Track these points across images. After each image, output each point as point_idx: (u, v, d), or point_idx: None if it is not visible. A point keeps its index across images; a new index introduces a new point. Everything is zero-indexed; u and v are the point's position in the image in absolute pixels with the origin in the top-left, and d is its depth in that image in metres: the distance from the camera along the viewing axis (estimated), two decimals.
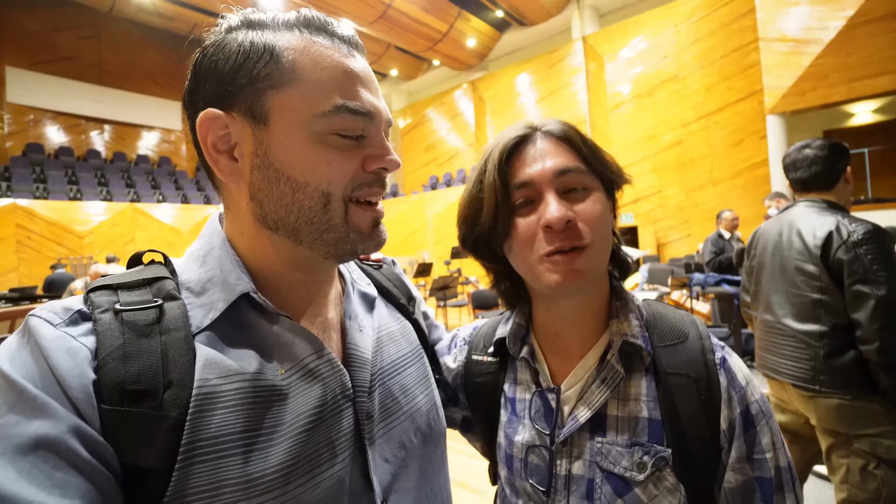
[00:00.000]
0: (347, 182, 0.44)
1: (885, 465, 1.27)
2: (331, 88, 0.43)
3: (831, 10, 6.78)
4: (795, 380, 1.42)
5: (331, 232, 0.45)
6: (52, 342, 0.35)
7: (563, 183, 0.53)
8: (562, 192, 0.53)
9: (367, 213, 0.47)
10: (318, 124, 0.42)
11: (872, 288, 1.25)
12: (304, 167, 0.43)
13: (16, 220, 8.78)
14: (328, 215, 0.44)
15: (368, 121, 0.45)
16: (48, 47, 11.81)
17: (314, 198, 0.43)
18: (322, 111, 0.42)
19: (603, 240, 0.53)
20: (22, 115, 11.55)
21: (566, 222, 0.50)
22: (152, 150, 13.88)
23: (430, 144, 13.83)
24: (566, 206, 0.52)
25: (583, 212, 0.52)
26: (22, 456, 0.30)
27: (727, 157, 8.38)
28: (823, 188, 1.49)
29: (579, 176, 0.53)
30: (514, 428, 0.61)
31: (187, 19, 11.72)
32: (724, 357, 0.54)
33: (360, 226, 0.46)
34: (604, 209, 0.53)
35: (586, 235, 0.51)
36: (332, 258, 0.47)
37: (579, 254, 0.51)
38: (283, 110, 0.42)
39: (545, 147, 0.54)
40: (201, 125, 0.43)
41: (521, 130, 0.56)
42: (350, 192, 0.45)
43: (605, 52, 9.92)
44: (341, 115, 0.43)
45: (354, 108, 0.44)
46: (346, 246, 0.46)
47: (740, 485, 0.50)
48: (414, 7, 10.24)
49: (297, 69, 0.42)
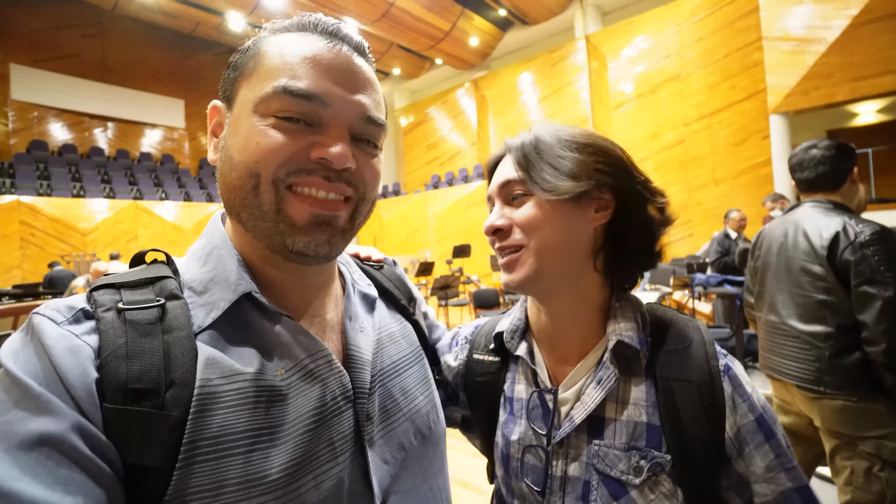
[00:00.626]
0: (278, 163, 0.42)
1: (889, 468, 1.26)
2: (281, 72, 0.43)
3: (835, 9, 6.73)
4: (800, 381, 1.42)
5: (263, 220, 0.43)
6: (56, 340, 0.35)
7: (506, 193, 0.59)
8: (508, 201, 0.59)
9: (305, 205, 0.43)
10: (260, 106, 0.43)
11: (879, 289, 1.24)
12: (240, 145, 0.43)
13: (20, 216, 8.82)
14: (259, 199, 0.43)
15: (318, 106, 0.43)
16: (52, 45, 11.85)
17: (243, 177, 0.43)
18: (265, 93, 0.43)
19: (543, 242, 0.55)
20: (26, 112, 11.59)
21: (495, 230, 0.58)
22: (155, 148, 13.91)
23: (433, 143, 13.81)
24: (503, 214, 0.58)
25: (517, 216, 0.57)
26: (25, 453, 0.30)
27: (730, 157, 8.34)
28: (829, 189, 1.48)
29: (517, 185, 0.57)
30: (511, 428, 0.61)
31: (190, 17, 11.71)
32: (728, 364, 0.54)
33: (293, 217, 0.43)
34: (540, 213, 0.55)
35: (521, 238, 0.56)
36: (277, 254, 0.45)
37: (515, 255, 0.57)
38: (241, 94, 0.45)
39: (503, 164, 0.61)
40: (209, 115, 0.49)
41: (500, 150, 0.63)
42: (283, 177, 0.42)
43: (607, 50, 9.88)
44: (279, 97, 0.42)
45: (293, 90, 0.42)
46: (277, 238, 0.43)
47: (778, 495, 0.50)
48: (416, 6, 10.22)
49: (262, 57, 0.45)
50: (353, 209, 0.47)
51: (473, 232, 10.31)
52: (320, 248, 0.44)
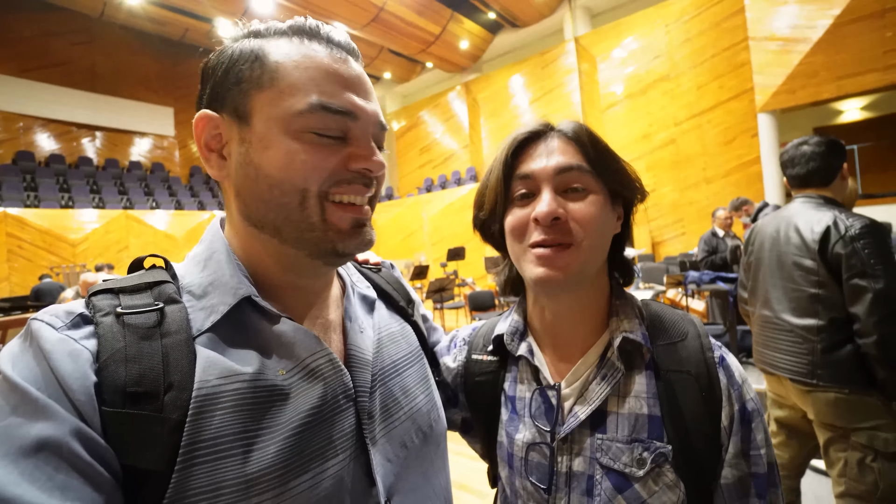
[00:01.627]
0: (324, 178, 0.44)
1: (882, 458, 1.28)
2: (309, 87, 0.44)
3: (819, 9, 6.86)
4: (793, 374, 1.43)
5: (310, 230, 0.45)
6: (55, 345, 0.35)
7: (562, 181, 0.54)
8: (560, 191, 0.54)
9: (347, 213, 0.46)
10: (295, 122, 0.43)
11: (870, 282, 1.26)
12: (280, 164, 0.43)
13: (6, 229, 8.68)
14: (305, 213, 0.44)
15: (350, 120, 0.45)
16: (39, 53, 11.71)
17: (289, 194, 0.44)
18: (299, 109, 0.43)
19: (594, 242, 0.54)
20: (12, 122, 11.44)
21: (553, 219, 0.52)
22: (145, 157, 13.79)
23: (425, 147, 13.84)
24: (559, 203, 0.53)
25: (576, 211, 0.53)
26: (24, 458, 0.30)
27: (720, 156, 8.44)
28: (821, 184, 1.51)
29: (580, 175, 0.54)
30: (515, 426, 0.61)
31: (179, 24, 11.67)
32: (723, 356, 0.56)
33: (338, 224, 0.46)
34: (599, 212, 0.54)
35: (576, 234, 0.53)
36: (318, 259, 0.47)
37: (563, 250, 0.53)
38: (264, 109, 0.44)
39: (554, 145, 0.56)
40: (196, 125, 0.46)
41: (536, 127, 0.57)
42: (327, 189, 0.45)
43: (597, 52, 9.98)
44: (318, 114, 0.44)
45: (331, 107, 0.44)
46: (326, 245, 0.46)
47: (737, 480, 0.51)
48: (406, 10, 10.26)
49: (279, 70, 0.44)
50: (371, 206, 0.51)
51: (468, 234, 10.31)
52: (365, 245, 0.49)
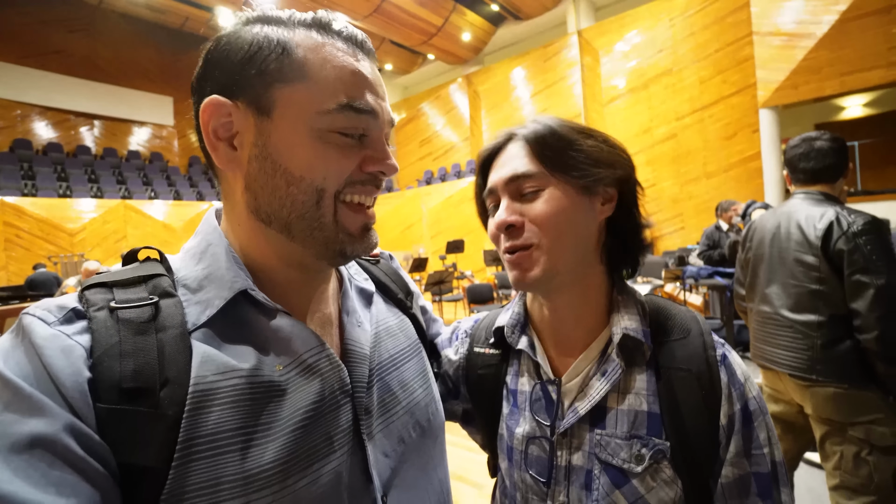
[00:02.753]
0: (343, 180, 0.45)
1: (877, 452, 1.29)
2: (338, 87, 0.43)
3: (825, 5, 6.79)
4: (792, 369, 1.44)
5: (321, 230, 0.45)
6: (47, 340, 0.34)
7: (515, 188, 0.56)
8: (518, 196, 0.56)
9: (358, 216, 0.47)
10: (321, 121, 0.43)
11: (872, 277, 1.26)
12: (302, 162, 0.43)
13: (4, 217, 8.64)
14: (320, 212, 0.44)
15: (372, 120, 0.46)
16: (37, 41, 11.58)
17: (307, 192, 0.43)
18: (327, 108, 0.43)
19: (556, 238, 0.54)
20: (9, 110, 11.35)
21: (506, 227, 0.55)
22: (144, 146, 13.71)
23: (426, 139, 13.77)
24: (514, 209, 0.55)
25: (530, 212, 0.54)
26: (17, 455, 0.30)
27: (721, 150, 8.41)
28: (829, 180, 1.51)
29: (530, 179, 0.55)
30: (516, 420, 0.61)
31: (179, 13, 11.52)
32: (725, 354, 0.55)
33: (349, 227, 0.46)
34: (555, 208, 0.53)
35: (532, 235, 0.54)
36: (324, 259, 0.47)
37: (525, 253, 0.54)
38: (289, 104, 0.43)
39: (508, 154, 0.58)
40: (205, 110, 0.43)
41: (498, 140, 0.60)
42: (342, 189, 0.45)
43: (600, 45, 9.89)
44: (345, 114, 0.43)
45: (359, 108, 0.44)
46: (335, 247, 0.46)
47: (737, 479, 0.51)
48: (409, 1, 10.14)
49: (307, 66, 0.43)
50: None
51: (467, 227, 10.31)
52: (373, 248, 0.49)
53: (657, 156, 9.17)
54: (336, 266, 0.51)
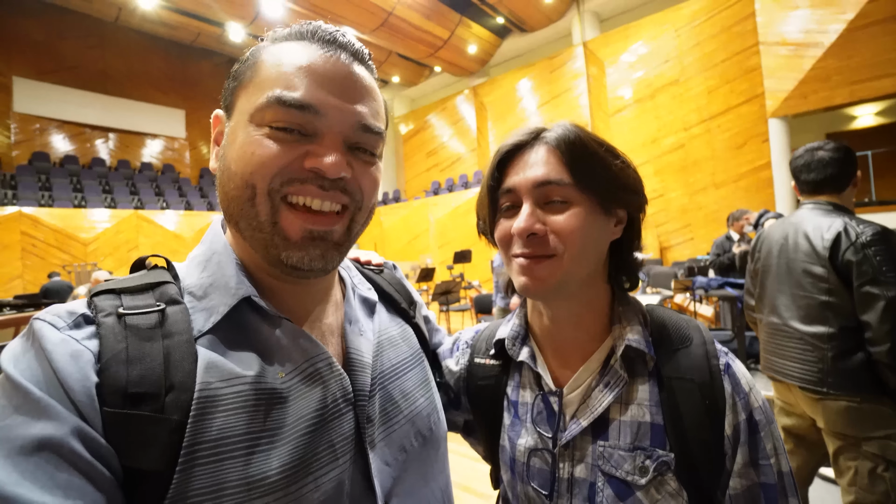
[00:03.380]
0: (273, 174, 0.42)
1: (893, 468, 1.26)
2: (275, 82, 0.43)
3: (831, 13, 6.77)
4: (803, 382, 1.41)
5: (259, 231, 0.44)
6: (56, 345, 0.35)
7: (542, 194, 0.54)
8: (542, 203, 0.54)
9: (298, 219, 0.43)
10: (255, 116, 0.44)
11: (882, 289, 1.24)
12: (236, 156, 0.44)
13: (21, 227, 8.84)
14: (255, 210, 0.43)
15: (311, 115, 0.43)
16: (54, 57, 11.93)
17: (240, 187, 0.43)
18: (260, 103, 0.43)
19: (576, 253, 0.53)
20: (28, 124, 11.66)
21: (529, 234, 0.53)
22: (156, 158, 13.97)
23: (432, 150, 13.87)
24: (538, 217, 0.53)
25: (556, 224, 0.52)
26: (25, 457, 0.30)
27: (730, 160, 8.36)
28: (834, 191, 1.49)
29: (560, 188, 0.53)
30: (517, 431, 0.61)
31: (191, 28, 11.83)
32: (728, 363, 0.54)
33: (287, 230, 0.43)
34: (582, 224, 0.52)
35: (556, 247, 0.52)
36: (273, 267, 0.45)
37: (543, 261, 0.53)
38: (239, 104, 0.46)
39: (536, 156, 0.54)
40: (212, 124, 0.50)
41: (522, 137, 0.56)
42: (278, 187, 0.43)
43: (605, 56, 9.95)
44: (273, 107, 0.43)
45: (286, 100, 0.42)
46: (273, 251, 0.44)
47: (745, 490, 0.50)
48: (415, 14, 10.31)
49: (259, 67, 0.45)
50: (350, 220, 0.47)
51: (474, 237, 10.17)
52: (315, 262, 0.45)
53: (665, 166, 9.13)
54: (290, 276, 0.46)
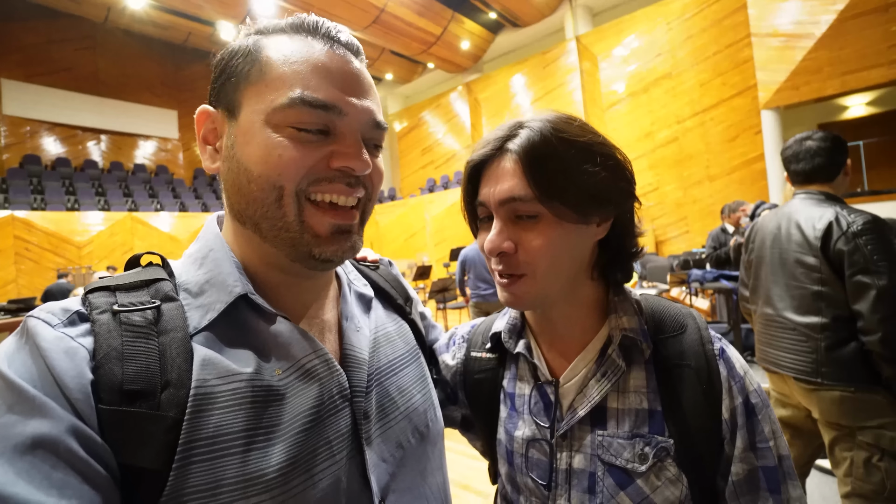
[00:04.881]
0: (301, 176, 0.43)
1: (888, 457, 1.27)
2: (293, 82, 0.43)
3: (822, 5, 6.80)
4: (797, 373, 1.42)
5: (286, 230, 0.44)
6: (51, 343, 0.35)
7: (510, 210, 0.52)
8: (513, 217, 0.52)
9: (325, 215, 0.45)
10: (275, 116, 0.43)
11: (873, 278, 1.25)
12: (258, 158, 0.43)
13: (14, 231, 8.76)
14: (282, 211, 0.44)
15: (334, 115, 0.44)
16: (45, 59, 11.81)
17: (266, 189, 0.43)
18: (280, 103, 0.43)
19: (547, 270, 0.52)
20: (18, 127, 11.54)
21: (498, 253, 0.52)
22: (149, 160, 13.88)
23: (427, 147, 13.84)
24: (508, 234, 0.52)
25: (524, 242, 0.51)
26: (20, 456, 0.30)
27: (724, 153, 8.39)
28: (824, 180, 1.49)
29: (526, 205, 0.50)
30: (515, 423, 0.61)
31: (182, 28, 11.73)
32: (723, 347, 0.55)
33: (315, 228, 0.45)
34: (550, 240, 0.50)
35: (526, 266, 0.52)
36: (298, 262, 0.46)
37: (517, 280, 0.53)
38: (249, 103, 0.44)
39: (502, 168, 0.52)
40: (196, 120, 0.47)
41: (489, 147, 0.53)
42: (305, 187, 0.44)
43: (598, 51, 9.95)
44: (297, 108, 0.43)
45: (311, 101, 0.43)
46: (302, 248, 0.45)
47: (746, 474, 0.51)
48: (407, 11, 10.26)
49: (269, 64, 0.44)
50: (363, 210, 0.49)
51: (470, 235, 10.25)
52: (346, 253, 0.47)
53: (659, 160, 9.16)
54: (316, 270, 0.48)
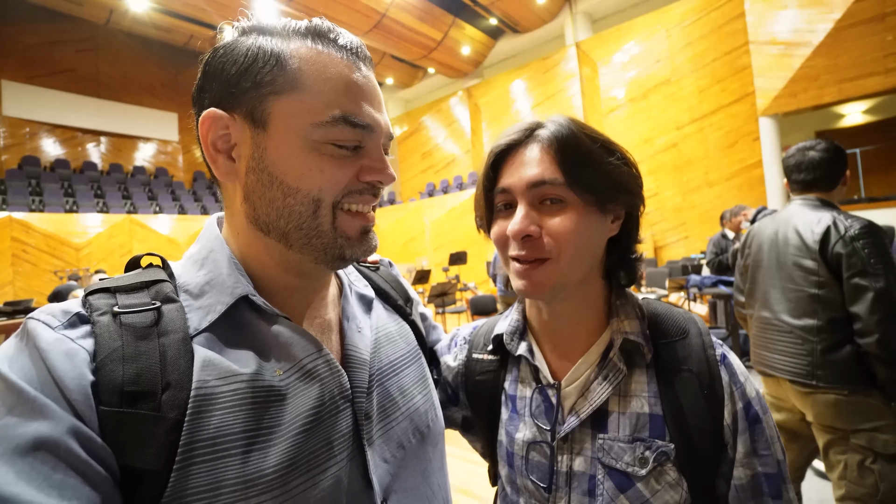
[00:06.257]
0: (340, 190, 0.45)
1: (882, 460, 1.27)
2: (332, 99, 0.44)
3: (819, 13, 6.87)
4: (792, 375, 1.43)
5: (319, 238, 0.45)
6: (51, 344, 0.35)
7: (537, 194, 0.53)
8: (537, 202, 0.53)
9: (356, 220, 0.47)
10: (315, 133, 0.43)
11: (871, 281, 1.26)
12: (297, 173, 0.43)
13: (11, 233, 8.73)
14: (317, 221, 0.45)
15: (367, 133, 0.46)
16: (45, 61, 11.81)
17: (304, 203, 0.44)
18: (321, 121, 0.43)
19: (572, 254, 0.52)
20: (18, 128, 11.53)
21: (524, 237, 0.52)
22: (149, 162, 13.87)
23: (427, 152, 13.87)
24: (533, 218, 0.52)
25: (551, 226, 0.52)
26: (21, 457, 0.30)
27: (722, 159, 8.43)
28: (824, 190, 1.52)
29: (554, 188, 0.52)
30: (516, 425, 0.61)
31: (183, 31, 11.76)
32: (724, 353, 0.56)
33: (347, 232, 0.47)
34: (577, 225, 0.52)
35: (550, 249, 0.52)
36: (323, 263, 0.47)
37: (539, 265, 0.53)
38: (283, 116, 0.43)
39: (531, 155, 0.54)
40: (203, 123, 0.44)
41: (515, 135, 0.55)
42: (340, 199, 0.45)
43: (598, 57, 10.01)
44: (339, 127, 0.44)
45: (353, 121, 0.44)
46: (334, 251, 0.46)
47: (749, 479, 0.51)
48: (408, 16, 10.32)
49: (301, 77, 0.43)
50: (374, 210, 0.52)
51: (470, 239, 10.32)
52: (373, 250, 0.50)
53: (658, 165, 9.20)
54: (336, 269, 0.51)
